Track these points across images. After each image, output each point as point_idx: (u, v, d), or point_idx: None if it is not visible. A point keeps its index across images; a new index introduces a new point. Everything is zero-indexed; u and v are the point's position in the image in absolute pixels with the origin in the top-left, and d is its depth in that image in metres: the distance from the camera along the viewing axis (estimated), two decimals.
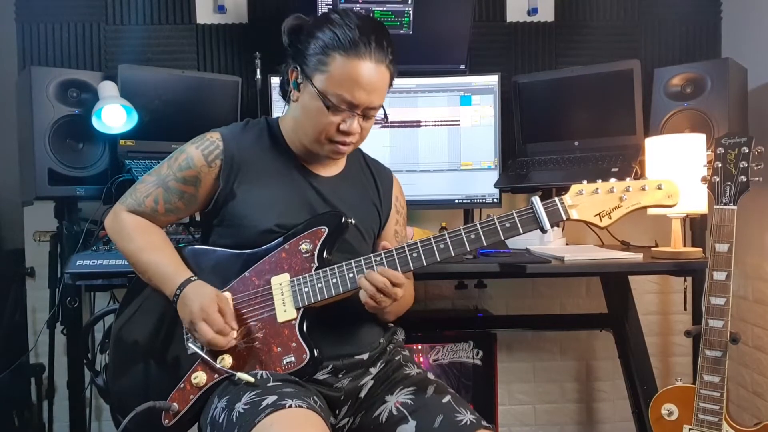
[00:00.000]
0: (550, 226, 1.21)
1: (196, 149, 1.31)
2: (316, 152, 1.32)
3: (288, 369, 1.21)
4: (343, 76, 1.21)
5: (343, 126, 1.25)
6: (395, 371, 1.35)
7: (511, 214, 1.22)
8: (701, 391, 1.62)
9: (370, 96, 1.24)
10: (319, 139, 1.28)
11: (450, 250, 1.22)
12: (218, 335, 1.20)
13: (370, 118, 1.29)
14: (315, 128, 1.27)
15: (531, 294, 2.55)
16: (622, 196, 1.21)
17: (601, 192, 1.22)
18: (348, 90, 1.22)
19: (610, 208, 1.22)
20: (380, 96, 1.27)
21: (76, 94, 1.95)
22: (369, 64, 1.22)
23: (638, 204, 1.22)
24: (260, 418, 1.06)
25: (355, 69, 1.21)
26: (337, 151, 1.30)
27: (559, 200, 1.22)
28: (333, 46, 1.21)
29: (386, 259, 1.23)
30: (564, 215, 1.22)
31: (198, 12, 2.37)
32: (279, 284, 1.26)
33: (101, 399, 2.27)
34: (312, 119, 1.26)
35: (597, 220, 1.22)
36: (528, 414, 2.58)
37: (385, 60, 1.24)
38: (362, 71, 1.21)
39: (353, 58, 1.21)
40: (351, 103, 1.23)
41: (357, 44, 1.20)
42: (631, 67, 2.08)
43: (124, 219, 1.34)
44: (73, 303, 2.00)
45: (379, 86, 1.25)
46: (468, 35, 2.25)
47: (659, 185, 1.21)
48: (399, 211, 1.50)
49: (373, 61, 1.22)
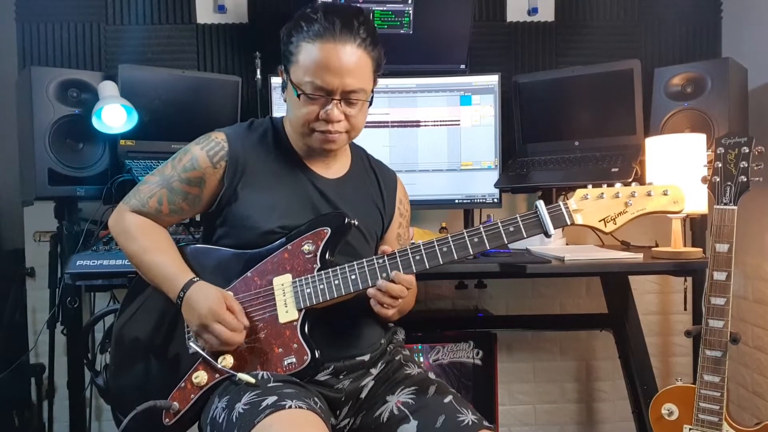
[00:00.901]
0: (554, 231, 1.20)
1: (201, 150, 1.30)
2: (311, 146, 1.31)
3: (289, 370, 1.21)
4: (311, 63, 1.21)
5: (322, 113, 1.23)
6: (396, 371, 1.35)
7: (515, 218, 1.22)
8: (701, 391, 1.62)
9: (342, 79, 1.21)
10: (305, 132, 1.28)
11: (453, 253, 1.22)
12: (233, 333, 1.20)
13: (352, 103, 1.25)
14: (299, 121, 1.27)
15: (531, 294, 2.55)
16: (628, 202, 1.20)
17: (606, 197, 1.21)
18: (317, 75, 1.20)
19: (615, 214, 1.21)
20: (355, 78, 1.22)
21: (76, 94, 1.95)
22: (335, 46, 1.19)
23: (643, 210, 1.21)
24: (260, 419, 1.06)
25: (320, 53, 1.20)
26: (327, 140, 1.28)
27: (564, 205, 1.21)
28: (299, 36, 1.22)
29: (389, 261, 1.23)
30: (569, 220, 1.21)
31: (198, 12, 2.37)
32: (281, 285, 1.25)
33: (101, 399, 2.27)
34: (295, 112, 1.27)
35: (602, 225, 1.21)
36: (528, 414, 2.58)
37: (354, 40, 1.21)
38: (328, 54, 1.19)
39: (317, 42, 1.20)
40: (323, 88, 1.21)
41: (320, 29, 1.20)
42: (632, 66, 2.08)
43: (128, 219, 1.33)
44: (73, 303, 2.00)
45: (352, 68, 1.21)
46: (468, 35, 2.25)
47: (665, 191, 1.20)
48: (403, 215, 1.50)
49: (338, 43, 1.19)
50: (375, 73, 1.29)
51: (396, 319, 1.43)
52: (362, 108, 1.28)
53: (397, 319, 1.45)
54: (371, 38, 1.24)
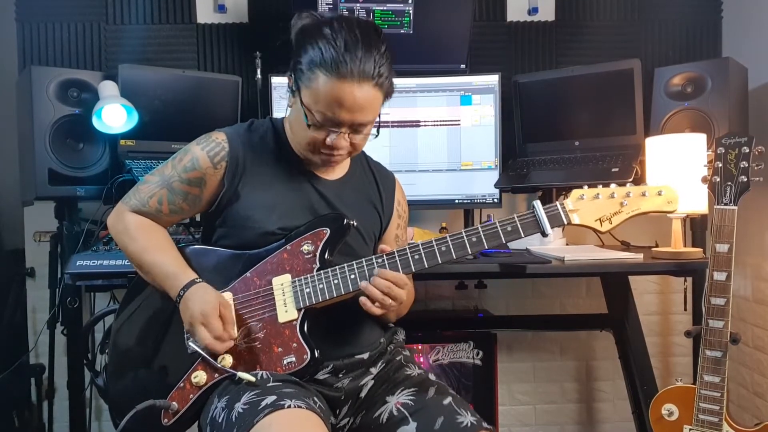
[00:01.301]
0: (551, 230, 1.22)
1: (201, 150, 1.30)
2: (310, 160, 1.32)
3: (288, 369, 1.21)
4: (325, 96, 1.18)
5: (329, 141, 1.24)
6: (396, 371, 1.35)
7: (513, 217, 1.23)
8: (701, 391, 1.62)
9: (353, 115, 1.21)
10: (309, 149, 1.28)
11: (451, 252, 1.23)
12: (216, 341, 1.20)
13: (359, 132, 1.26)
14: (304, 139, 1.27)
15: (531, 294, 2.55)
16: (623, 202, 1.23)
17: (602, 197, 1.24)
18: (330, 110, 1.19)
19: (611, 213, 1.23)
20: (366, 114, 1.22)
21: (77, 94, 1.95)
22: (352, 86, 1.17)
23: (638, 210, 1.24)
24: (259, 418, 1.06)
25: (337, 90, 1.17)
26: (329, 161, 1.30)
27: (561, 205, 1.23)
28: (317, 63, 1.18)
29: (388, 260, 1.23)
30: (565, 220, 1.23)
31: (198, 12, 2.37)
32: (280, 285, 1.26)
33: (101, 399, 2.27)
34: (302, 130, 1.26)
35: (597, 225, 1.24)
36: (528, 414, 2.58)
37: (372, 78, 1.18)
38: (344, 93, 1.18)
39: (334, 78, 1.17)
40: (333, 121, 1.21)
41: (339, 64, 1.16)
42: (632, 66, 2.08)
43: (128, 219, 1.33)
44: (73, 303, 2.00)
45: (365, 105, 1.20)
46: (468, 35, 2.25)
47: (659, 191, 1.23)
48: (401, 215, 1.50)
49: (356, 82, 1.17)
50: (384, 100, 1.27)
51: (394, 320, 1.43)
52: (368, 133, 1.29)
53: (396, 320, 1.45)
54: (387, 71, 1.22)
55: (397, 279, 1.21)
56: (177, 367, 1.26)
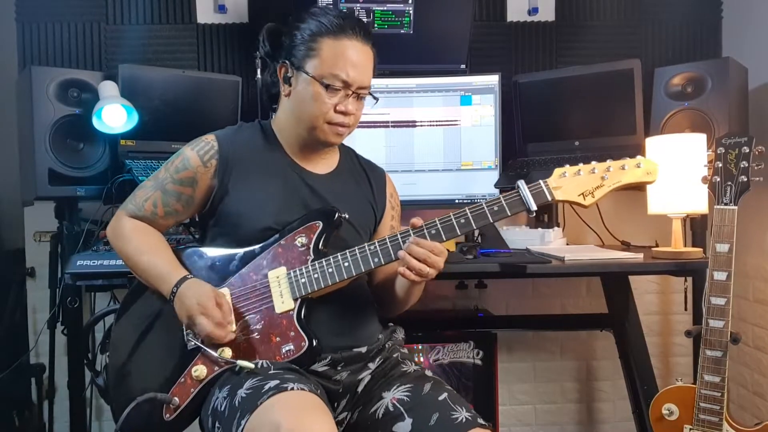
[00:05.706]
0: (537, 208, 1.25)
1: (192, 151, 1.34)
2: (317, 139, 1.35)
3: (287, 357, 1.23)
4: (336, 57, 1.28)
5: (341, 107, 1.30)
6: (393, 368, 1.36)
7: (498, 198, 1.27)
8: (702, 391, 1.62)
9: (360, 75, 1.31)
10: (318, 125, 1.32)
11: (441, 235, 1.26)
12: (217, 327, 1.21)
13: (361, 98, 1.35)
14: (314, 113, 1.31)
15: (531, 294, 2.55)
16: (604, 176, 1.26)
17: (583, 173, 1.27)
18: (342, 68, 1.28)
19: (593, 188, 1.27)
20: (369, 76, 1.34)
21: (77, 94, 1.95)
22: (357, 44, 1.30)
23: (619, 182, 1.27)
24: (263, 400, 1.07)
25: (346, 48, 1.29)
26: (338, 133, 1.34)
27: (544, 182, 1.27)
28: (321, 32, 1.30)
29: (380, 247, 1.26)
30: (549, 196, 1.26)
31: (198, 12, 2.37)
32: (276, 277, 1.28)
33: (102, 399, 2.27)
34: (310, 105, 1.31)
35: (581, 199, 1.27)
36: (528, 414, 2.58)
37: (369, 42, 1.33)
38: (352, 50, 1.29)
39: (342, 38, 1.29)
40: (345, 81, 1.29)
41: (343, 27, 1.29)
42: (632, 66, 2.08)
43: (124, 223, 1.37)
44: (73, 303, 2.00)
45: (368, 65, 1.33)
46: (468, 35, 2.25)
47: (638, 164, 1.27)
48: (394, 207, 1.54)
49: (360, 41, 1.30)
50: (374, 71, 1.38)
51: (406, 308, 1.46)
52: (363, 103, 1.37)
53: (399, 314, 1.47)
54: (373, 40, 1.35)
55: (433, 247, 1.23)
56: (177, 366, 1.27)
